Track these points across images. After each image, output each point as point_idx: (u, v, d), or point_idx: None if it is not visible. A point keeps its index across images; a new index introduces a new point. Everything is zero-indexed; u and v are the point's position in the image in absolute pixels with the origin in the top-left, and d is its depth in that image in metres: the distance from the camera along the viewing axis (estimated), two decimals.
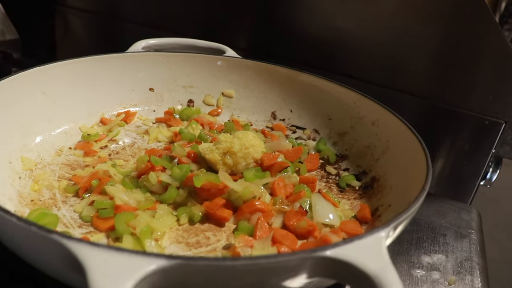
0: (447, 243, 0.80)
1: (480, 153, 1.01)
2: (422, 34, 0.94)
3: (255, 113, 0.95)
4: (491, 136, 0.98)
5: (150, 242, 0.56)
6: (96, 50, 1.36)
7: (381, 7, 0.96)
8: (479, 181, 1.06)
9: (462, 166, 1.04)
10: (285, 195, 0.68)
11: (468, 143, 1.01)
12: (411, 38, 0.96)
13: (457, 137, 1.01)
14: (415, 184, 0.59)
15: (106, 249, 0.38)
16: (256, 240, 0.57)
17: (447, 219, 0.87)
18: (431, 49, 0.96)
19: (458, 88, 0.96)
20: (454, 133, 1.01)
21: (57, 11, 1.40)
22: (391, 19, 0.96)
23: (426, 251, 0.77)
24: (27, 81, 0.76)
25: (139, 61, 0.92)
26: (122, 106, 0.92)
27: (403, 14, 0.95)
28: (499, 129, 0.96)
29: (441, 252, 0.76)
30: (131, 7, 1.29)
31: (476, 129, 0.97)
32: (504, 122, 0.95)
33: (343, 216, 0.67)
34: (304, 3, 1.03)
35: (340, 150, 0.86)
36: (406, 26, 0.95)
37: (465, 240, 0.82)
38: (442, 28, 0.93)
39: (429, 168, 0.58)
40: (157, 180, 0.66)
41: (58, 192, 0.68)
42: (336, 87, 0.87)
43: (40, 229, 0.41)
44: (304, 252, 0.40)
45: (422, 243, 0.79)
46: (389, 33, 0.97)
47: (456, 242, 0.80)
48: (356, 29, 1.01)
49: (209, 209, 0.63)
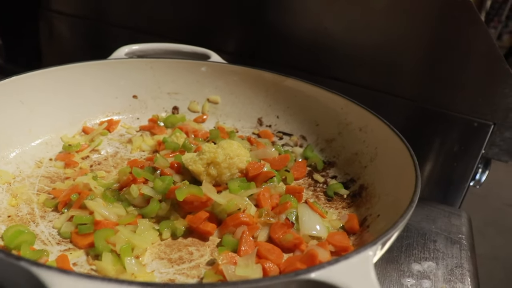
0: (438, 249, 0.79)
1: (470, 155, 1.00)
2: (410, 36, 0.93)
3: (241, 119, 0.94)
4: (480, 137, 0.97)
5: (130, 260, 0.54)
6: (82, 55, 1.34)
7: (368, 9, 0.94)
8: (468, 182, 1.05)
9: (452, 168, 1.03)
10: (271, 206, 0.67)
11: (457, 145, 1.01)
12: (398, 41, 0.95)
13: (446, 139, 1.01)
14: (403, 194, 0.57)
15: (75, 276, 0.36)
16: (240, 256, 0.55)
17: (437, 225, 0.86)
18: (419, 51, 0.95)
19: (446, 90, 0.95)
20: (443, 135, 1.00)
21: (41, 15, 1.37)
22: (378, 21, 0.95)
23: (417, 259, 0.75)
24: (4, 91, 0.73)
25: (122, 67, 0.89)
26: (105, 114, 0.89)
27: (391, 17, 0.94)
28: (488, 131, 0.95)
29: (432, 259, 0.75)
30: (118, 12, 1.26)
31: (465, 131, 0.97)
32: (492, 123, 0.94)
33: (330, 227, 0.65)
34: (291, 6, 1.01)
35: (327, 157, 0.84)
36: (393, 28, 0.94)
37: (456, 246, 0.81)
38: (429, 30, 0.92)
39: (418, 178, 0.57)
40: (139, 193, 0.64)
41: (37, 207, 0.66)
42: (323, 92, 0.85)
43: (8, 256, 0.39)
44: (287, 276, 0.38)
45: (412, 250, 0.78)
46: (377, 35, 0.96)
47: (446, 248, 0.79)
48: (343, 31, 0.99)
49: (192, 223, 0.61)
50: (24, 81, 0.77)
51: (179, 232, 0.61)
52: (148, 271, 0.56)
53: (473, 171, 1.03)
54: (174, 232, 0.62)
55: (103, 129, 0.85)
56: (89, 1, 1.29)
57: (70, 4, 1.31)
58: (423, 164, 1.04)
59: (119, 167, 0.77)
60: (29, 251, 0.56)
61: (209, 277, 0.53)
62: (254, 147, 0.82)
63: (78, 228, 0.59)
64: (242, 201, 0.64)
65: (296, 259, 0.56)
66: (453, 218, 0.89)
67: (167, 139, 0.81)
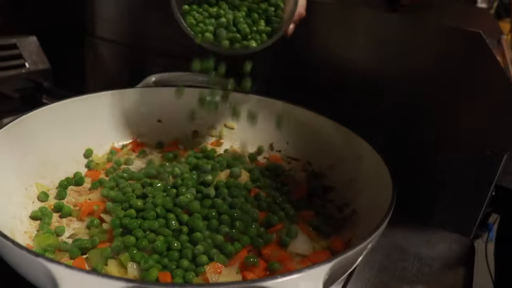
0: (432, 273, 0.82)
1: (483, 183, 1.02)
2: (420, 68, 0.98)
3: (254, 144, 1.02)
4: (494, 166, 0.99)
5: (132, 265, 0.63)
6: (123, 79, 1.46)
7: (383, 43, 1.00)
8: (482, 211, 1.07)
9: (465, 196, 1.05)
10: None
11: (470, 173, 1.03)
12: (411, 70, 1.00)
13: (459, 167, 1.03)
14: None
15: (77, 271, 0.45)
16: (225, 267, 0.63)
17: (436, 250, 0.89)
18: (430, 81, 0.99)
19: (459, 119, 0.98)
20: (455, 164, 1.03)
21: (87, 42, 1.51)
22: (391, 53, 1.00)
23: (409, 282, 0.80)
24: (52, 114, 0.86)
25: (149, 95, 1.01)
26: (131, 137, 1.00)
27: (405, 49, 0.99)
28: (501, 160, 0.97)
29: (424, 283, 0.79)
30: (154, 39, 1.38)
31: (478, 159, 0.99)
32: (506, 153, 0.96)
33: (317, 247, 0.72)
34: (315, 37, 1.09)
35: (328, 182, 0.91)
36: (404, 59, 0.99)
37: (451, 272, 0.84)
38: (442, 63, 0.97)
39: (387, 214, 0.62)
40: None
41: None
42: (327, 121, 0.92)
43: (29, 252, 0.49)
44: (245, 282, 0.46)
45: (406, 273, 0.82)
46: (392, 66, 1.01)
47: (441, 273, 0.83)
48: (361, 62, 1.05)
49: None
50: (66, 106, 0.89)
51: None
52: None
53: (487, 200, 1.05)
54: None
55: (128, 150, 0.96)
56: (130, 29, 1.42)
57: (113, 31, 1.44)
58: (437, 191, 1.07)
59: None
60: (53, 254, 0.66)
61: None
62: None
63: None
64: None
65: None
66: (454, 244, 0.92)
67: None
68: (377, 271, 0.81)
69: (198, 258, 0.64)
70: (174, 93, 0.98)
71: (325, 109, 0.96)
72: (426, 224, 0.97)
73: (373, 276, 0.80)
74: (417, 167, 1.06)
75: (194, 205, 0.71)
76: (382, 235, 0.93)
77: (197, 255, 0.64)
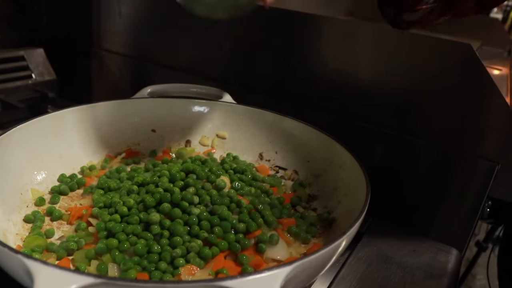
0: (414, 282, 0.84)
1: (475, 195, 1.03)
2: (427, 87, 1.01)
3: (245, 153, 1.05)
4: (486, 177, 1.00)
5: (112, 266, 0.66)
6: (128, 90, 1.51)
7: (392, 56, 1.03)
8: (475, 223, 1.08)
9: (457, 208, 1.06)
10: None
11: (463, 185, 1.04)
12: (417, 89, 1.03)
13: (451, 180, 1.05)
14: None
15: (51, 266, 0.49)
16: (200, 269, 0.66)
17: (421, 260, 0.90)
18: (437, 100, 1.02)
19: (456, 134, 1.01)
20: (449, 176, 1.05)
21: (93, 53, 1.57)
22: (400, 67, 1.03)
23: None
24: (49, 123, 0.91)
25: (144, 106, 1.05)
26: (126, 145, 1.04)
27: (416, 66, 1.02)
28: (493, 171, 0.99)
29: None
30: (158, 51, 1.43)
31: (471, 170, 1.01)
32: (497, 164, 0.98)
33: (294, 253, 0.74)
34: (317, 49, 1.13)
35: (313, 191, 0.93)
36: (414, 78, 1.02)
37: (434, 281, 0.85)
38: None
39: (352, 225, 0.64)
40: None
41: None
42: (314, 131, 0.95)
43: (10, 249, 0.52)
44: (205, 281, 0.49)
45: (388, 281, 0.83)
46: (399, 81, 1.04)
47: (424, 282, 0.84)
48: (367, 75, 1.09)
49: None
50: (64, 115, 0.94)
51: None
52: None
53: (479, 211, 1.06)
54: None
55: (121, 158, 0.99)
56: (135, 42, 1.47)
57: (119, 44, 1.50)
58: (429, 203, 1.08)
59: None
60: (40, 254, 0.70)
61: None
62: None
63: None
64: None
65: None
66: (440, 254, 0.93)
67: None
68: (358, 280, 0.82)
69: (175, 260, 0.67)
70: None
71: (324, 122, 0.99)
72: (415, 235, 0.98)
73: (353, 285, 0.81)
74: (408, 179, 1.09)
75: (176, 211, 0.74)
76: (367, 245, 0.95)
77: (175, 258, 0.67)
